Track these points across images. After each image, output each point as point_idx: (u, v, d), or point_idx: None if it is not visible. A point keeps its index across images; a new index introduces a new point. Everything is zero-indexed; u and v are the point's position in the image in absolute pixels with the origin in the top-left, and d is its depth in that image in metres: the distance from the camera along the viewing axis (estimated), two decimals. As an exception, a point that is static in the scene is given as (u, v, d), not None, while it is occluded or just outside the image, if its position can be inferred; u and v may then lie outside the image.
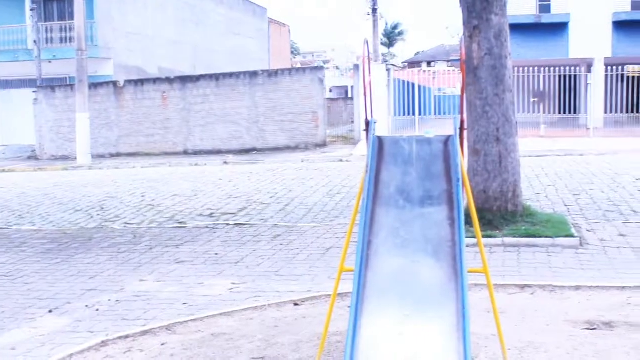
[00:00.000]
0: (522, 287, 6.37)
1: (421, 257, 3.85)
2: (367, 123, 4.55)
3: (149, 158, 24.01)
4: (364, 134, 17.81)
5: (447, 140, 4.36)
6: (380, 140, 4.42)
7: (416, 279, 3.85)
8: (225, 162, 21.53)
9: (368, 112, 4.64)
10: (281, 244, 9.02)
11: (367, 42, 4.73)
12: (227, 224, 10.61)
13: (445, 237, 3.89)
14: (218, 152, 24.83)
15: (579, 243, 8.15)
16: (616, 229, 9.05)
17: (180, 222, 11.00)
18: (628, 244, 8.24)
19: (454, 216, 3.94)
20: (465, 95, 7.95)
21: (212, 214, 11.66)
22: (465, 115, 4.57)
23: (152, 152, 25.37)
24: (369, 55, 4.70)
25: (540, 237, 8.21)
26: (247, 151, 24.59)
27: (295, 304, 6.25)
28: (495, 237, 8.28)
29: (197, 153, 24.94)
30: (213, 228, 10.38)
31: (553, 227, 8.46)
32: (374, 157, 4.26)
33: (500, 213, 8.69)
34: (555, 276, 6.96)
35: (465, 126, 4.63)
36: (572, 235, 8.29)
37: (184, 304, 6.71)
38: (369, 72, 4.73)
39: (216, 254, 8.69)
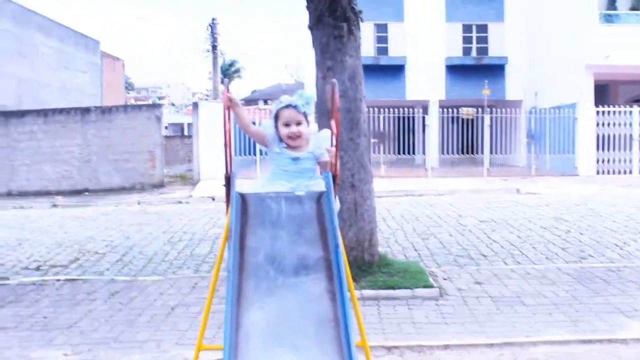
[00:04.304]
0: (389, 348, 5.92)
1: (301, 342, 3.23)
2: (228, 178, 3.92)
3: (-33, 200, 21.93)
4: (204, 173, 16.87)
5: (319, 198, 3.81)
6: (243, 198, 3.79)
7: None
8: (55, 205, 19.98)
9: (229, 164, 4.01)
10: (120, 303, 8.08)
11: (228, 84, 4.12)
12: (57, 280, 9.48)
13: (326, 315, 3.30)
14: (46, 193, 23.13)
15: (439, 294, 7.86)
16: (471, 275, 8.90)
17: (2, 278, 9.74)
18: (485, 292, 8.06)
19: (334, 289, 3.37)
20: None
21: (39, 266, 10.47)
22: (338, 169, 4.04)
23: (-29, 193, 23.25)
24: (232, 99, 4.08)
25: (399, 288, 7.84)
26: (78, 192, 23.08)
27: (139, 379, 5.44)
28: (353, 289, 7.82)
29: (22, 194, 23.09)
30: (41, 285, 9.22)
31: (411, 278, 8.13)
32: (237, 218, 3.62)
33: (357, 263, 8.26)
34: (420, 333, 6.58)
35: (338, 181, 4.11)
36: (430, 286, 7.99)
37: (4, 382, 5.70)
38: (229, 119, 4.11)
39: (44, 317, 7.61)
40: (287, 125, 4.24)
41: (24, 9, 35.07)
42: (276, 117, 4.32)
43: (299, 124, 4.23)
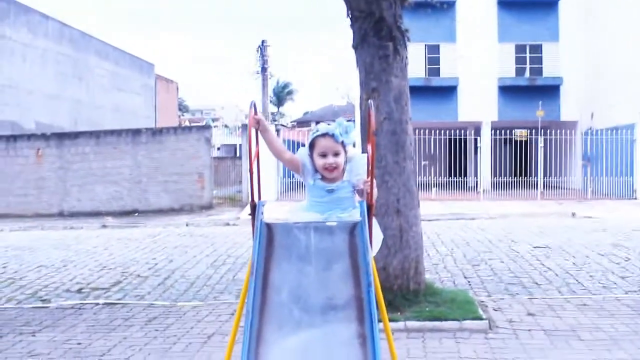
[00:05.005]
0: (433, 387, 5.53)
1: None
2: (254, 206, 3.63)
3: (20, 220, 22.18)
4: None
5: (352, 229, 3.49)
6: (269, 229, 3.49)
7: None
8: (104, 225, 20.07)
9: (255, 192, 3.72)
10: (156, 330, 7.85)
11: (255, 104, 3.84)
12: (97, 303, 9.33)
13: (356, 363, 2.97)
14: (97, 213, 23.28)
15: (488, 326, 7.42)
16: (523, 306, 8.43)
17: (43, 300, 9.64)
18: (538, 324, 7.59)
19: (364, 333, 3.04)
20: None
21: (80, 289, 10.35)
22: (374, 198, 3.71)
23: (24, 213, 23.54)
24: (259, 121, 3.80)
25: (447, 319, 7.43)
26: (128, 213, 23.17)
27: (167, 415, 5.18)
28: (397, 320, 7.43)
29: (73, 215, 23.30)
30: (79, 308, 9.07)
31: (459, 308, 7.71)
32: (261, 251, 3.32)
33: (402, 292, 7.88)
34: (467, 369, 6.18)
35: (375, 210, 3.79)
36: (479, 317, 7.55)
37: (31, 415, 5.49)
38: (256, 142, 3.83)
39: (79, 343, 7.42)
40: (323, 155, 3.93)
41: (82, 33, 35.79)
42: (312, 146, 4.01)
43: (336, 154, 3.91)
